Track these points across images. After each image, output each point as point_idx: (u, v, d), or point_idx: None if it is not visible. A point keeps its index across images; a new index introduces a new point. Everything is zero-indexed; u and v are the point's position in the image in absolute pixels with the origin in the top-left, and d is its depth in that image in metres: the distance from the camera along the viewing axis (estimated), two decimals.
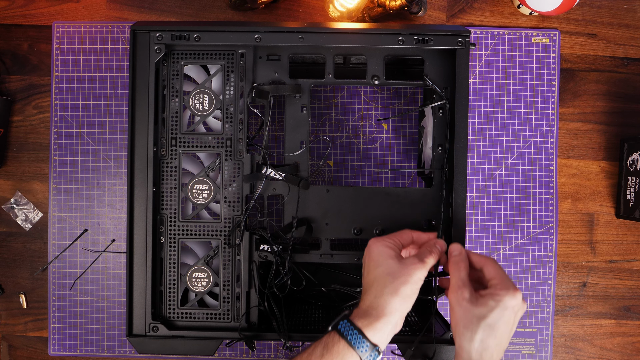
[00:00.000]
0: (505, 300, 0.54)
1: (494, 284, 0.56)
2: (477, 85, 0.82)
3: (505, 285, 0.55)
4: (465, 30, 0.64)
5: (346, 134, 0.83)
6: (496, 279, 0.56)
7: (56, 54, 0.83)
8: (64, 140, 0.83)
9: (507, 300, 0.54)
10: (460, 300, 0.55)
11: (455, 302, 0.56)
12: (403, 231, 0.62)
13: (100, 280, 0.83)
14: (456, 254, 0.59)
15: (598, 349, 0.83)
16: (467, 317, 0.54)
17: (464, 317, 0.55)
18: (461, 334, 0.55)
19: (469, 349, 0.54)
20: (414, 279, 0.56)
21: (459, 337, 0.55)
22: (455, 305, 0.56)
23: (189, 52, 0.66)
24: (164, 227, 0.66)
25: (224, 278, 0.66)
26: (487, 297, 0.55)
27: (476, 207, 0.82)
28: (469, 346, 0.54)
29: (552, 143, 0.82)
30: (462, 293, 0.55)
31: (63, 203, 0.83)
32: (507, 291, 0.54)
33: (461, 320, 0.55)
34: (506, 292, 0.54)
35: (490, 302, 0.54)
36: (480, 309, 0.54)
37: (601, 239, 0.83)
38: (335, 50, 0.66)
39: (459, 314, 0.55)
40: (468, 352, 0.54)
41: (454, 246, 0.60)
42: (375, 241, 0.59)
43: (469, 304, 0.55)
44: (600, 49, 0.83)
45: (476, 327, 0.54)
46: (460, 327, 0.55)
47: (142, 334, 0.65)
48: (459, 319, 0.55)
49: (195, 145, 0.66)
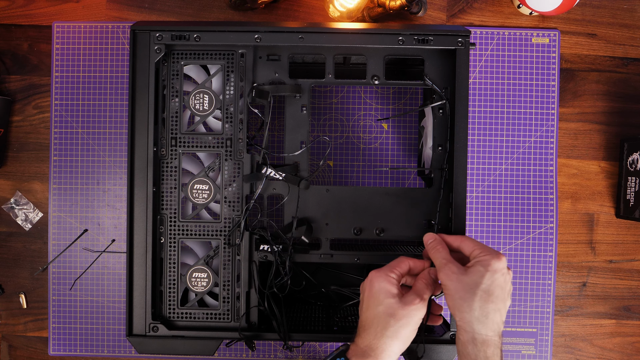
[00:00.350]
0: (492, 263, 0.54)
1: (476, 254, 0.56)
2: (477, 85, 0.82)
3: (488, 251, 0.56)
4: (465, 30, 0.64)
5: (346, 134, 0.83)
6: (477, 249, 0.57)
7: (56, 54, 0.83)
8: (64, 140, 0.83)
9: (494, 264, 0.54)
10: (450, 274, 0.55)
11: (445, 278, 0.55)
12: (400, 260, 0.60)
13: (100, 280, 0.83)
14: (431, 240, 0.60)
15: (598, 349, 0.83)
16: (461, 287, 0.54)
17: (458, 289, 0.54)
18: (459, 307, 0.54)
19: (470, 319, 0.54)
20: (415, 320, 0.56)
21: (458, 310, 0.55)
22: (446, 281, 0.55)
23: (189, 52, 0.66)
24: (164, 227, 0.66)
25: (224, 278, 0.66)
26: (474, 265, 0.55)
27: (476, 207, 0.82)
28: (469, 316, 0.54)
29: (552, 143, 0.82)
30: (450, 268, 0.55)
31: (63, 203, 0.83)
32: (491, 255, 0.55)
33: (456, 293, 0.54)
34: (491, 257, 0.55)
35: (479, 268, 0.54)
36: (471, 276, 0.54)
37: (601, 239, 0.83)
38: (335, 50, 0.66)
39: (452, 288, 0.55)
40: (469, 322, 0.54)
41: (428, 235, 0.60)
42: (377, 275, 0.58)
43: (459, 275, 0.55)
44: (600, 49, 0.83)
45: (472, 295, 0.54)
46: (456, 300, 0.54)
47: (142, 334, 0.65)
48: (454, 292, 0.55)
49: (195, 145, 0.66)
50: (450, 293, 0.55)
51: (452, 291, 0.55)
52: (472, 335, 0.54)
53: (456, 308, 0.55)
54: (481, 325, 0.54)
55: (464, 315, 0.54)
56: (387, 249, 0.70)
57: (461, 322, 0.55)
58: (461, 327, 0.55)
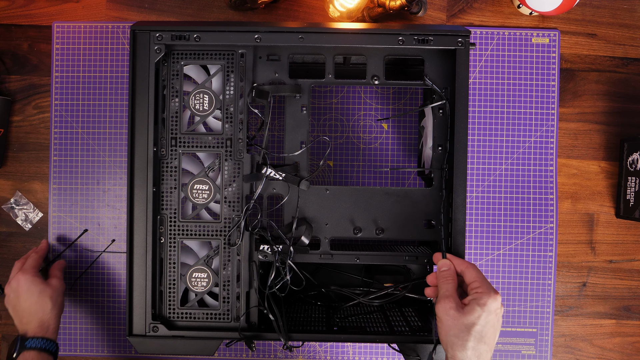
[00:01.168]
0: (489, 304, 0.56)
1: (474, 287, 0.58)
2: (477, 85, 0.82)
3: (486, 289, 0.57)
4: (465, 30, 0.64)
5: (346, 134, 0.83)
6: (477, 282, 0.58)
7: (56, 54, 0.83)
8: (64, 140, 0.83)
9: (490, 304, 0.56)
10: (448, 310, 0.57)
11: (443, 313, 0.57)
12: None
13: (100, 280, 0.83)
14: (445, 269, 0.61)
15: (598, 349, 0.83)
16: (457, 326, 0.56)
17: (453, 326, 0.56)
18: (453, 344, 0.56)
19: (463, 357, 0.56)
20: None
21: (451, 347, 0.56)
22: (443, 315, 0.57)
23: (189, 52, 0.66)
24: (164, 227, 0.66)
25: (224, 278, 0.66)
26: (471, 303, 0.57)
27: (476, 207, 0.82)
28: (462, 355, 0.56)
29: (552, 143, 0.82)
30: (449, 303, 0.57)
31: (63, 203, 0.83)
32: (488, 295, 0.57)
33: (451, 330, 0.56)
34: (488, 296, 0.57)
35: (476, 308, 0.56)
36: (468, 317, 0.56)
37: (601, 239, 0.83)
38: (335, 50, 0.66)
39: (447, 323, 0.57)
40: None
41: (444, 262, 0.62)
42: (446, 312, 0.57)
43: (456, 312, 0.56)
44: (600, 49, 0.83)
45: (467, 335, 0.56)
46: (450, 337, 0.56)
47: (142, 334, 0.65)
48: (449, 329, 0.56)
49: (195, 145, 0.66)
50: (445, 328, 0.57)
51: (447, 327, 0.57)
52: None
53: (450, 344, 0.57)
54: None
55: (457, 354, 0.56)
56: (387, 249, 0.70)
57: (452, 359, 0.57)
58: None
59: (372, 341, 0.65)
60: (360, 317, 0.73)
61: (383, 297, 0.71)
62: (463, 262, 0.61)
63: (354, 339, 0.66)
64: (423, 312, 0.74)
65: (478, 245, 0.82)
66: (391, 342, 0.65)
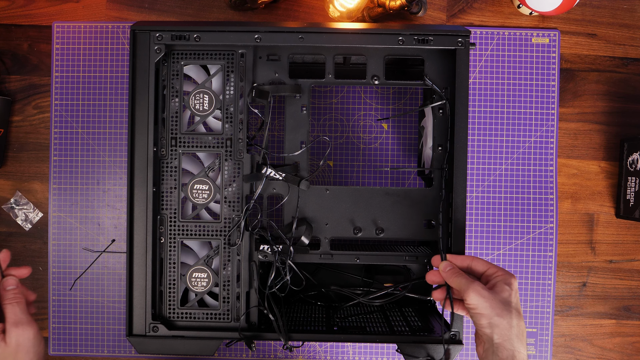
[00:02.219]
0: (513, 282, 0.56)
1: (491, 273, 0.58)
2: (477, 85, 0.82)
3: (503, 270, 0.58)
4: (465, 30, 0.64)
5: (346, 134, 0.83)
6: (491, 267, 0.58)
7: (56, 54, 0.83)
8: (64, 140, 0.83)
9: (514, 282, 0.57)
10: (482, 292, 0.55)
11: (477, 297, 0.55)
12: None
13: (100, 280, 0.83)
14: (449, 268, 0.60)
15: (598, 349, 0.83)
16: (497, 305, 0.55)
17: (494, 307, 0.55)
18: (498, 325, 0.54)
19: (510, 336, 0.54)
20: None
21: (497, 328, 0.54)
22: (478, 300, 0.55)
23: (189, 52, 0.66)
24: (164, 227, 0.66)
25: (224, 278, 0.66)
26: (498, 283, 0.56)
27: (476, 207, 0.82)
28: (509, 333, 0.54)
29: (552, 143, 0.82)
30: (478, 286, 0.56)
31: (63, 203, 0.83)
32: (509, 274, 0.57)
33: (493, 310, 0.54)
34: (509, 275, 0.57)
35: (505, 287, 0.56)
36: (502, 294, 0.55)
37: (601, 239, 0.83)
38: (335, 50, 0.66)
39: (486, 306, 0.55)
40: (510, 340, 0.54)
41: (443, 264, 0.61)
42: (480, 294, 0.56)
43: (490, 292, 0.55)
44: (600, 49, 0.83)
45: (509, 312, 0.54)
46: (495, 318, 0.54)
47: (142, 334, 0.65)
48: (489, 311, 0.54)
49: (195, 145, 0.66)
50: (485, 312, 0.55)
51: (487, 310, 0.55)
52: (512, 353, 0.54)
53: (495, 325, 0.54)
54: (519, 343, 0.54)
55: (505, 333, 0.54)
56: (387, 249, 0.70)
57: (500, 340, 0.54)
58: (501, 344, 0.54)
59: (372, 341, 0.65)
60: (360, 317, 0.73)
61: (383, 297, 0.71)
62: (465, 258, 0.61)
63: (354, 339, 0.66)
64: (423, 312, 0.74)
65: (478, 245, 0.82)
66: (391, 342, 0.65)
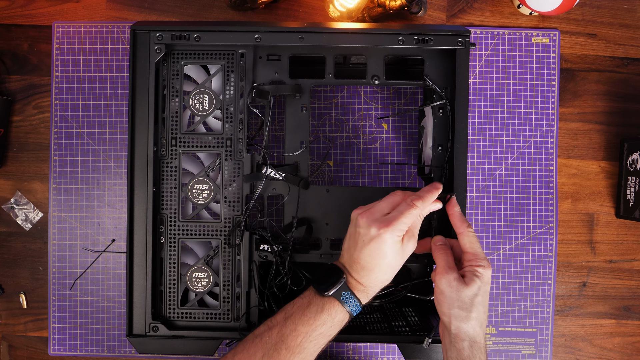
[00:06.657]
0: (484, 275, 0.58)
1: (469, 258, 0.59)
2: (477, 85, 0.82)
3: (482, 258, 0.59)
4: (465, 30, 0.64)
5: (346, 134, 0.83)
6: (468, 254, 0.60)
7: (56, 54, 0.83)
8: (64, 140, 0.83)
9: (486, 275, 0.58)
10: (451, 281, 0.57)
11: (446, 285, 0.58)
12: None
13: (100, 280, 0.83)
14: (440, 243, 0.62)
15: (598, 349, 0.83)
16: (460, 298, 0.57)
17: (456, 298, 0.57)
18: (457, 316, 0.57)
19: (467, 328, 0.57)
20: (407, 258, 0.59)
21: (455, 318, 0.57)
22: (445, 287, 0.58)
23: (189, 52, 0.66)
24: (164, 227, 0.66)
25: (224, 278, 0.66)
26: (469, 275, 0.58)
27: (476, 207, 0.82)
28: (466, 326, 0.57)
29: (552, 143, 0.82)
30: (452, 274, 0.58)
31: (63, 203, 0.83)
32: (483, 267, 0.58)
33: (455, 302, 0.57)
34: (483, 268, 0.58)
35: (475, 279, 0.57)
36: (470, 288, 0.57)
37: (601, 239, 0.83)
38: (335, 50, 0.66)
39: (450, 295, 0.57)
40: (466, 331, 0.57)
41: (438, 237, 0.63)
42: (389, 235, 0.56)
43: (459, 284, 0.57)
44: (600, 49, 0.83)
45: (471, 306, 0.57)
46: (455, 310, 0.57)
47: (142, 334, 0.65)
48: (453, 301, 0.57)
49: (195, 145, 0.66)
50: (448, 301, 0.57)
51: (450, 299, 0.57)
52: (469, 342, 0.57)
53: (453, 316, 0.57)
54: (476, 333, 0.57)
55: (461, 325, 0.57)
56: None
57: (457, 331, 0.57)
58: (457, 335, 0.57)
59: (372, 341, 0.65)
60: (360, 317, 0.73)
61: (383, 297, 0.71)
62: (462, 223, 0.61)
63: (354, 339, 0.66)
64: (423, 312, 0.73)
65: None
66: (391, 342, 0.65)
